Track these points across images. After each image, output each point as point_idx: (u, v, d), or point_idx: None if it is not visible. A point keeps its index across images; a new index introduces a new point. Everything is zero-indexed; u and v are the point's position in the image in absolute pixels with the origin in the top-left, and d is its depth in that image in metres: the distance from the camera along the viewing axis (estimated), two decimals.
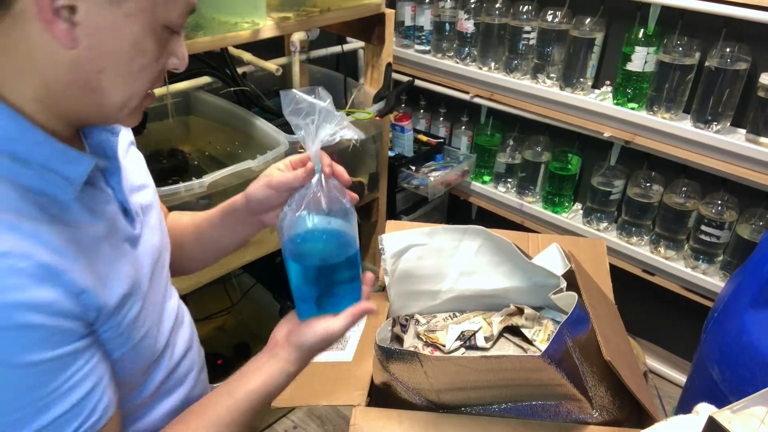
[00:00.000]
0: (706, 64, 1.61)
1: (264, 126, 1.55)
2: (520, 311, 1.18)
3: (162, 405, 0.70)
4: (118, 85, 0.55)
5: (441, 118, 2.37)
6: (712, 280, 1.73)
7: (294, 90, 0.67)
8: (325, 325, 0.70)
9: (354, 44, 2.25)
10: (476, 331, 1.15)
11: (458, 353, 1.14)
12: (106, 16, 0.51)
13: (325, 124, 0.68)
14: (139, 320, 0.63)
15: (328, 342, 0.71)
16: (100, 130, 0.63)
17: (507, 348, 1.14)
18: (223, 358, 1.84)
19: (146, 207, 0.71)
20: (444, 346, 1.14)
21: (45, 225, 0.52)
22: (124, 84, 0.55)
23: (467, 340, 1.14)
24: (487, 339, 1.14)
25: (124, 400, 0.64)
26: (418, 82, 2.21)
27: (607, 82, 1.85)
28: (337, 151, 1.75)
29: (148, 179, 0.75)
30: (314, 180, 0.70)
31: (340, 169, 0.72)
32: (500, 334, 1.16)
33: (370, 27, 1.81)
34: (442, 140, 2.28)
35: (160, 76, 0.58)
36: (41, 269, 0.50)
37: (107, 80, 0.54)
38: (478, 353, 1.12)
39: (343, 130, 0.69)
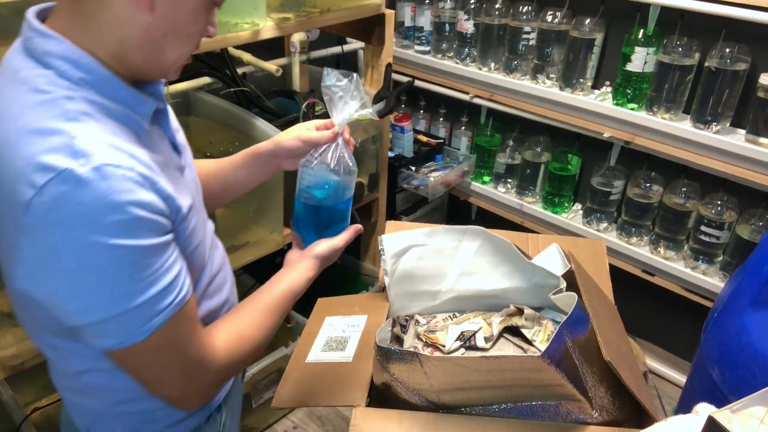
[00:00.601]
0: (706, 64, 1.61)
1: (264, 126, 1.55)
2: (519, 312, 1.18)
3: (206, 304, 0.87)
4: (176, 46, 0.70)
5: (441, 119, 2.37)
6: (712, 280, 1.73)
7: (335, 70, 0.90)
8: (331, 241, 0.94)
9: (354, 45, 2.26)
10: (476, 332, 1.15)
11: (458, 354, 1.14)
12: None
13: (352, 102, 0.91)
14: (196, 230, 0.79)
15: (335, 253, 0.94)
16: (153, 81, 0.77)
17: (507, 348, 1.14)
18: None
19: (183, 146, 0.85)
20: (444, 346, 1.14)
21: (135, 147, 0.67)
22: (180, 45, 0.71)
23: (467, 341, 1.14)
24: (486, 339, 1.14)
25: None
26: (417, 83, 2.21)
27: (607, 83, 1.85)
28: None
29: (179, 125, 0.88)
30: (339, 142, 0.93)
31: (351, 140, 0.96)
32: (500, 335, 1.16)
33: (370, 28, 1.81)
34: (442, 141, 2.28)
35: (199, 41, 0.74)
36: (142, 178, 0.65)
37: (169, 42, 0.69)
38: (478, 354, 1.12)
39: (365, 110, 0.93)
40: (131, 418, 0.83)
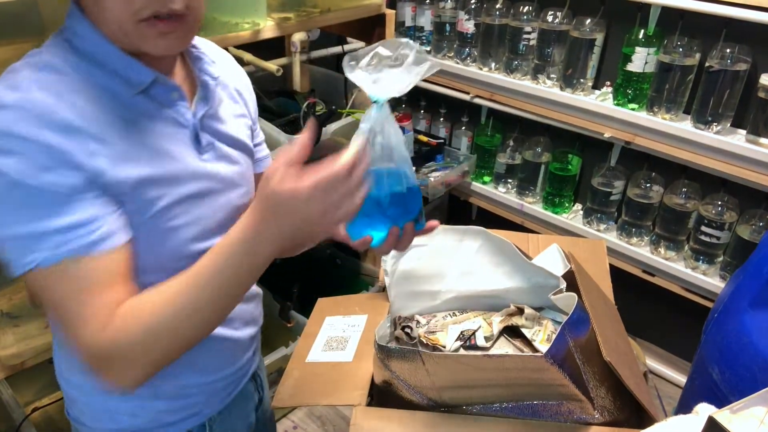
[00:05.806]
0: (707, 64, 1.61)
1: (264, 126, 1.54)
2: (520, 311, 1.18)
3: None
4: (116, 4, 0.66)
5: (441, 119, 2.37)
6: (712, 280, 1.73)
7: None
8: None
9: (354, 45, 2.25)
10: (476, 330, 1.15)
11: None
12: None
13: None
14: (173, 212, 0.74)
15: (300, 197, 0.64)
16: (202, 74, 0.80)
17: (506, 348, 1.14)
18: None
19: (236, 143, 0.84)
20: (444, 347, 1.14)
21: (89, 105, 0.68)
22: (119, 4, 0.67)
23: (467, 340, 1.14)
24: (487, 339, 1.14)
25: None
26: (418, 83, 2.21)
27: (608, 83, 1.85)
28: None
29: (243, 136, 0.86)
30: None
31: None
32: (500, 334, 1.16)
33: (370, 27, 1.81)
34: (442, 141, 2.28)
35: (150, 3, 0.67)
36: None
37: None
38: (479, 353, 1.12)
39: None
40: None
